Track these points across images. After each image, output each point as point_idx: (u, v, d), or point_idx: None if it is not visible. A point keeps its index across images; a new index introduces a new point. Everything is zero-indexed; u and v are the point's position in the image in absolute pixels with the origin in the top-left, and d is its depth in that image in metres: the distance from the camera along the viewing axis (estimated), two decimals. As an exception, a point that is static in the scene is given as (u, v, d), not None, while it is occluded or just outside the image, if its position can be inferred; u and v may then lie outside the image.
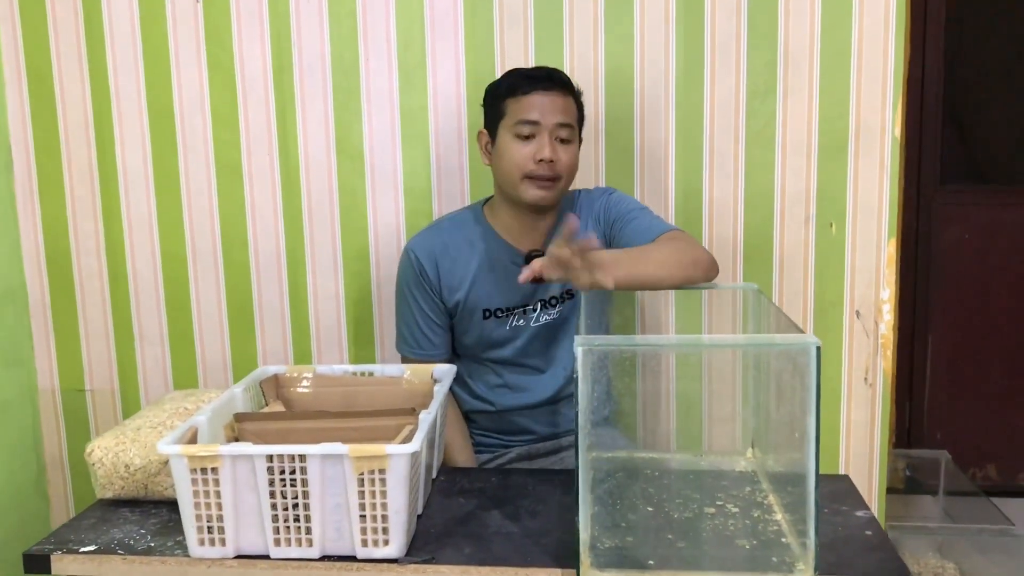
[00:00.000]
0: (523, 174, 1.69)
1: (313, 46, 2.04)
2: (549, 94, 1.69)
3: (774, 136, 1.99)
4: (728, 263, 2.03)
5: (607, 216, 1.77)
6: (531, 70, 1.73)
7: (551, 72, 1.72)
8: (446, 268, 1.79)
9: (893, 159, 1.97)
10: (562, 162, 1.69)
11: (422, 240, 1.82)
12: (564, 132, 1.69)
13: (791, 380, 1.23)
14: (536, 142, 1.68)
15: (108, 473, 1.46)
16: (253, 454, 1.23)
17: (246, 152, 2.09)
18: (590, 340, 1.16)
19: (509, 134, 1.70)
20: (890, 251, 2.00)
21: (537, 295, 1.80)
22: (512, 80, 1.72)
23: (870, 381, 2.04)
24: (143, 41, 2.08)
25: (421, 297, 1.81)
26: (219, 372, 2.19)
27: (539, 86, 1.69)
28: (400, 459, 1.22)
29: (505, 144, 1.71)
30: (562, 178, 1.70)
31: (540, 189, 1.69)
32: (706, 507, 1.40)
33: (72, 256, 2.18)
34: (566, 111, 1.70)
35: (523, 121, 1.68)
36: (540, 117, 1.67)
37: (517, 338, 1.81)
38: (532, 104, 1.68)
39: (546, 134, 1.67)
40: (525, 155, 1.68)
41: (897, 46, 1.93)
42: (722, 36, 1.97)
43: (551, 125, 1.68)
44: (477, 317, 1.80)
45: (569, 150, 1.70)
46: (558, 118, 1.68)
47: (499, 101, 1.73)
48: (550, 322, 1.81)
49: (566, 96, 1.71)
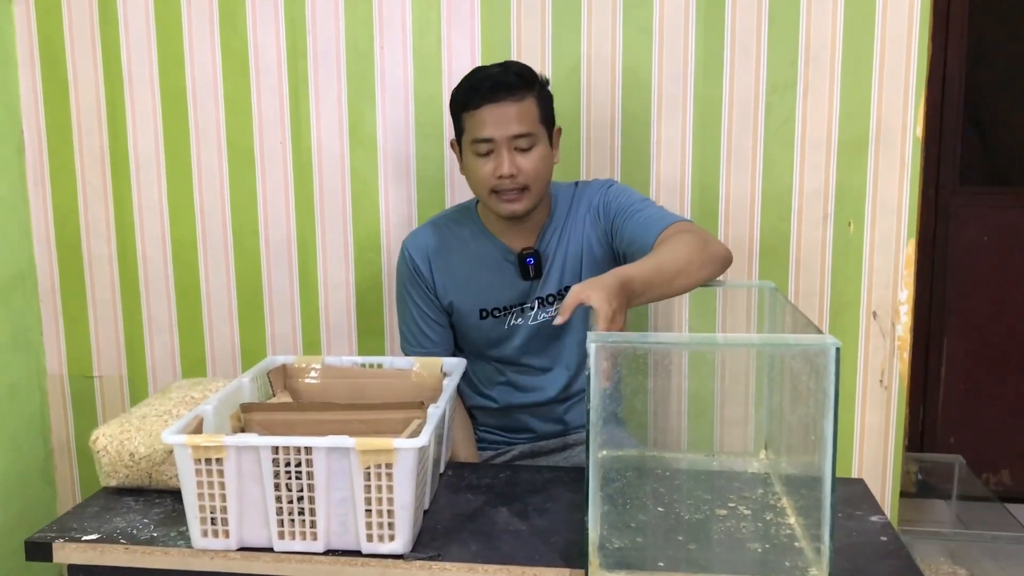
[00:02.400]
0: (488, 190, 1.65)
1: (328, 32, 2.02)
2: (499, 105, 1.60)
3: (793, 133, 1.96)
4: (744, 261, 2.01)
5: (607, 211, 1.72)
6: (479, 79, 1.64)
7: (498, 79, 1.62)
8: (440, 267, 1.77)
9: (914, 159, 1.94)
10: (525, 172, 1.63)
11: (416, 238, 1.80)
12: (522, 142, 1.62)
13: (808, 381, 1.20)
14: (494, 158, 1.62)
15: (112, 461, 1.44)
16: (258, 445, 1.21)
17: (258, 138, 2.08)
18: (603, 337, 1.14)
19: (469, 151, 1.66)
20: (909, 252, 1.97)
21: (534, 293, 1.76)
22: (463, 93, 1.65)
23: (885, 383, 2.01)
24: (157, 25, 2.07)
25: (418, 295, 1.79)
26: (227, 360, 2.18)
27: (488, 99, 1.61)
28: (407, 454, 1.20)
29: (468, 161, 1.67)
30: (529, 187, 1.64)
31: (509, 203, 1.65)
32: (718, 509, 1.38)
33: (82, 241, 2.17)
34: (520, 119, 1.61)
35: (477, 140, 1.63)
36: (493, 132, 1.61)
37: (515, 337, 1.79)
38: (483, 120, 1.61)
39: (503, 149, 1.61)
40: (487, 172, 1.63)
41: (921, 45, 1.90)
42: (742, 30, 1.94)
43: (505, 139, 1.61)
44: (474, 317, 1.78)
45: (531, 156, 1.63)
46: (512, 130, 1.61)
47: (457, 115, 1.68)
48: (548, 320, 1.77)
49: (520, 100, 1.61)
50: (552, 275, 1.76)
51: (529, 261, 1.73)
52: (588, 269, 1.74)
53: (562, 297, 1.76)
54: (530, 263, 1.73)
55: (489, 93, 1.61)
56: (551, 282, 1.76)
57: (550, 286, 1.76)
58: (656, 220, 1.62)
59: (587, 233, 1.74)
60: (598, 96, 1.98)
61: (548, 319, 1.77)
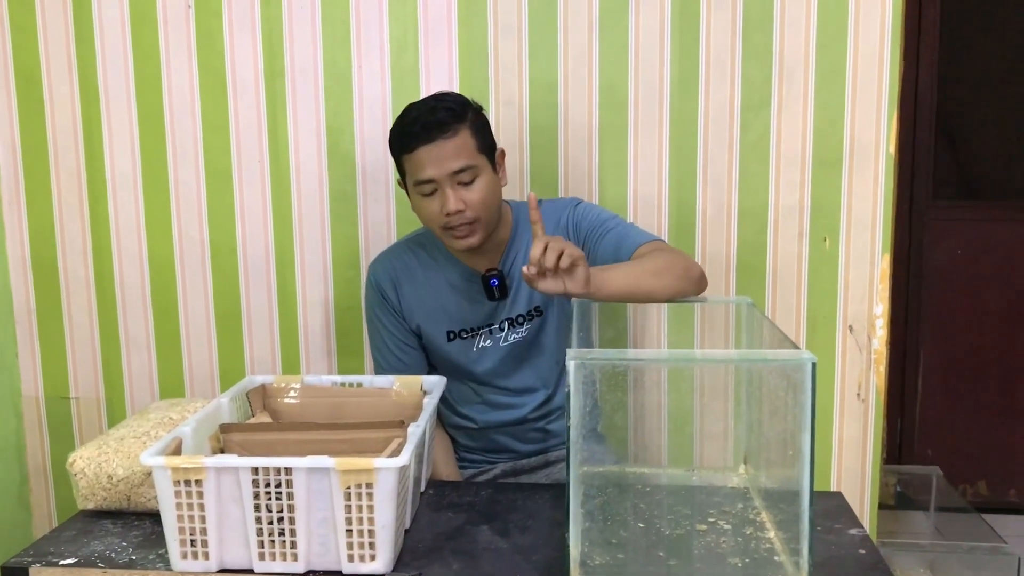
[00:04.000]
0: (440, 227, 1.65)
1: (305, 50, 2.02)
2: (434, 145, 1.60)
3: (768, 149, 1.98)
4: (721, 277, 2.02)
5: (577, 229, 1.72)
6: (410, 121, 1.62)
7: (427, 120, 1.61)
8: (406, 291, 1.78)
9: (887, 175, 1.96)
10: (472, 204, 1.62)
11: (380, 263, 1.81)
12: (463, 176, 1.62)
13: (785, 396, 1.21)
14: (439, 197, 1.62)
15: (90, 484, 1.43)
16: (238, 466, 1.20)
17: (236, 157, 2.07)
18: (583, 354, 1.14)
19: (414, 192, 1.66)
20: (884, 266, 1.99)
21: (502, 314, 1.76)
22: (397, 137, 1.65)
23: (863, 397, 2.03)
24: (133, 44, 2.06)
25: (387, 320, 1.79)
26: (206, 379, 2.17)
27: (421, 140, 1.60)
28: (388, 473, 1.20)
29: (415, 201, 1.68)
30: (480, 218, 1.64)
31: (461, 238, 1.65)
32: (698, 524, 1.38)
33: (58, 260, 2.15)
34: (458, 154, 1.61)
35: (419, 182, 1.63)
36: (433, 173, 1.61)
37: (486, 359, 1.78)
38: (420, 162, 1.61)
39: (446, 187, 1.61)
40: (434, 211, 1.64)
41: (892, 62, 1.93)
42: (717, 48, 1.95)
43: (446, 176, 1.61)
44: (441, 339, 1.78)
45: (475, 188, 1.63)
46: (450, 167, 1.60)
47: (396, 157, 1.68)
48: (519, 341, 1.77)
49: (453, 135, 1.60)
50: (521, 295, 1.75)
51: (493, 282, 1.72)
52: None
53: (532, 317, 1.76)
54: (494, 284, 1.72)
55: (422, 134, 1.60)
56: (520, 302, 1.76)
57: (519, 306, 1.76)
58: (631, 237, 1.65)
59: None
60: (575, 114, 2.00)
61: (519, 339, 1.77)
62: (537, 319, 1.77)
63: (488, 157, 1.67)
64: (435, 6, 1.99)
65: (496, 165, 1.69)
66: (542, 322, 1.77)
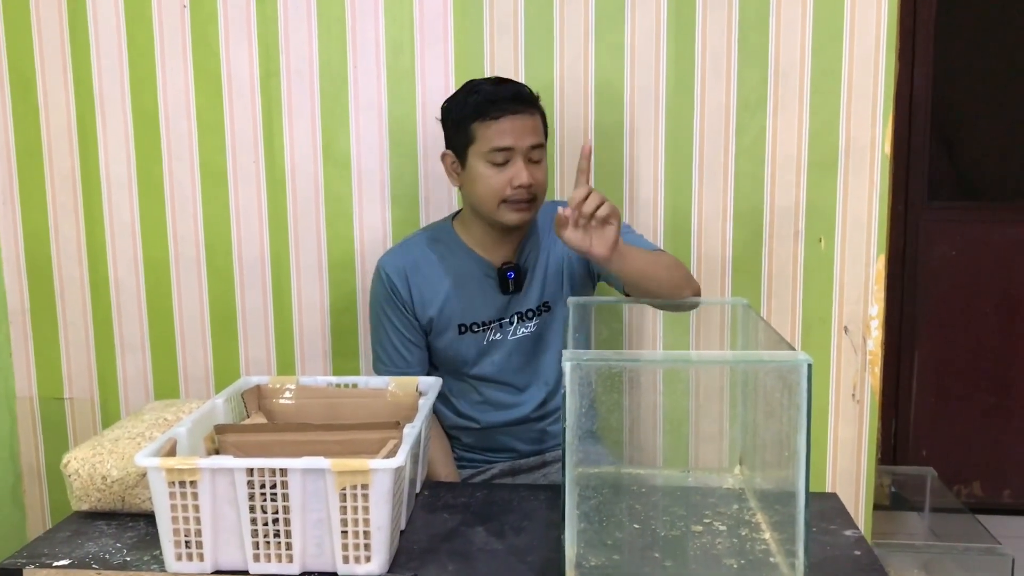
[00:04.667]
0: (500, 200, 1.67)
1: (301, 52, 2.02)
2: (519, 117, 1.64)
3: (764, 151, 1.98)
4: (716, 277, 2.02)
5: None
6: (494, 88, 1.66)
7: (517, 90, 1.67)
8: (417, 284, 1.77)
9: (883, 176, 1.97)
10: (538, 182, 1.67)
11: (392, 257, 1.80)
12: (536, 153, 1.67)
13: (781, 397, 1.21)
14: (511, 168, 1.64)
15: (84, 485, 1.43)
16: (233, 467, 1.20)
17: (231, 158, 2.07)
18: (579, 355, 1.14)
19: (481, 161, 1.66)
20: (879, 268, 1.99)
21: (512, 308, 1.78)
22: (478, 103, 1.65)
23: (858, 398, 2.03)
24: (128, 45, 2.05)
25: (394, 315, 1.79)
26: (201, 380, 2.16)
27: (508, 110, 1.63)
28: (383, 474, 1.20)
29: (478, 171, 1.67)
30: (538, 197, 1.69)
31: (519, 212, 1.67)
32: (693, 525, 1.38)
33: (53, 262, 2.14)
34: (536, 131, 1.67)
35: (497, 149, 1.64)
36: (514, 143, 1.64)
37: (494, 353, 1.79)
38: (504, 130, 1.63)
39: (520, 159, 1.64)
40: (501, 181, 1.65)
41: (888, 64, 1.93)
42: (713, 50, 1.96)
43: (524, 148, 1.64)
44: (452, 332, 1.78)
45: (541, 168, 1.69)
46: (530, 140, 1.65)
47: (466, 124, 1.67)
48: (527, 336, 1.79)
49: (534, 114, 1.67)
50: (532, 290, 1.77)
51: (510, 275, 1.74)
52: (568, 286, 1.77)
53: (540, 312, 1.77)
54: (511, 276, 1.74)
55: (510, 105, 1.64)
56: (531, 296, 1.77)
57: (530, 300, 1.77)
58: (638, 243, 1.69)
59: (566, 250, 1.75)
60: (571, 115, 2.00)
61: (527, 334, 1.78)
62: (545, 314, 1.78)
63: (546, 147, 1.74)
64: (431, 7, 1.99)
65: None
66: (550, 318, 1.79)
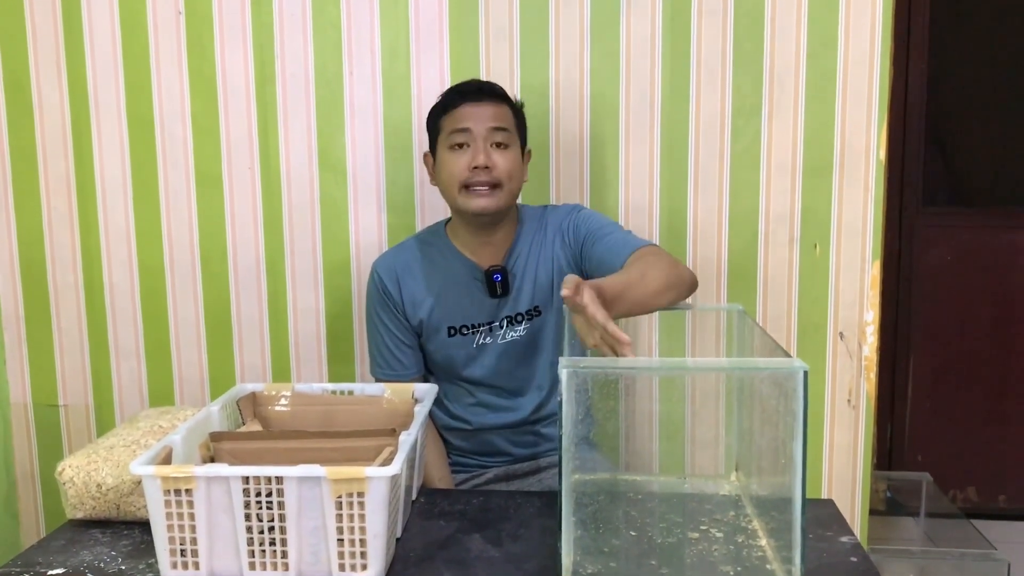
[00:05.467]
0: (460, 184, 1.68)
1: (296, 56, 2.02)
2: (479, 104, 1.69)
3: (759, 156, 1.98)
4: (712, 283, 2.02)
5: (576, 234, 1.75)
6: (462, 84, 1.75)
7: (482, 84, 1.73)
8: (409, 286, 1.78)
9: (878, 181, 1.97)
10: (499, 167, 1.67)
11: (385, 260, 1.82)
12: (499, 136, 1.68)
13: (777, 404, 1.21)
14: (470, 150, 1.67)
15: (79, 493, 1.42)
16: (229, 475, 1.20)
17: (227, 163, 2.07)
18: (575, 362, 1.14)
19: (445, 148, 1.70)
20: (874, 273, 2.00)
21: (502, 312, 1.78)
22: (444, 97, 1.74)
23: (853, 403, 2.03)
24: (123, 50, 2.05)
25: (387, 317, 1.79)
26: (196, 386, 2.16)
27: (469, 98, 1.69)
28: (379, 482, 1.19)
29: (443, 159, 1.71)
30: (502, 184, 1.68)
31: (480, 197, 1.68)
32: (690, 532, 1.38)
33: (47, 267, 2.14)
34: (498, 117, 1.69)
35: (455, 131, 1.67)
36: (471, 124, 1.67)
37: (484, 356, 1.79)
38: (463, 115, 1.68)
39: (479, 140, 1.67)
40: (461, 165, 1.67)
41: (882, 69, 1.93)
42: (708, 55, 1.96)
43: (483, 131, 1.67)
44: (442, 335, 1.78)
45: (507, 155, 1.68)
46: (489, 123, 1.68)
47: (435, 120, 1.74)
48: (518, 339, 1.79)
49: (498, 104, 1.71)
50: (522, 294, 1.77)
51: (496, 277, 1.74)
52: (559, 290, 1.75)
53: (531, 316, 1.77)
54: (497, 279, 1.75)
55: (471, 94, 1.70)
56: (521, 301, 1.77)
57: (520, 305, 1.77)
58: (625, 243, 1.65)
59: (556, 255, 1.75)
60: (566, 120, 2.00)
61: (517, 338, 1.78)
62: (536, 319, 1.78)
63: (521, 144, 1.74)
64: (426, 12, 1.99)
65: (524, 157, 1.76)
66: (541, 323, 1.78)
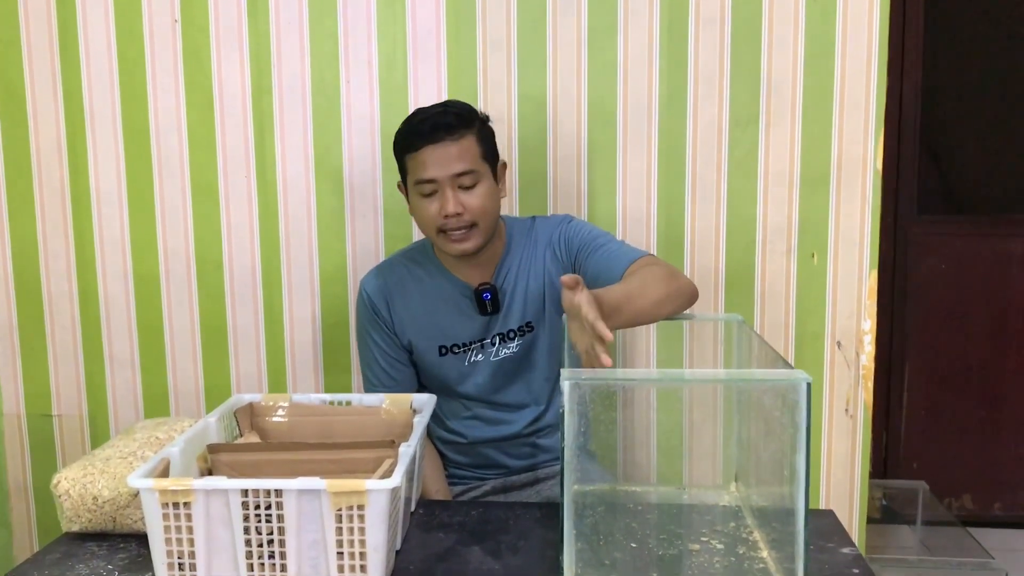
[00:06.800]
0: (436, 229, 1.66)
1: (293, 67, 2.01)
2: (440, 145, 1.62)
3: (756, 166, 1.99)
4: (710, 293, 2.02)
5: (568, 246, 1.73)
6: (418, 121, 1.65)
7: (436, 120, 1.64)
8: (398, 305, 1.77)
9: (875, 191, 1.97)
10: (471, 209, 1.64)
11: (373, 278, 1.80)
12: (465, 179, 1.63)
13: (779, 416, 1.21)
14: (439, 198, 1.64)
15: (75, 505, 1.41)
16: (228, 488, 1.19)
17: (223, 174, 2.06)
18: (577, 374, 1.14)
19: (414, 193, 1.67)
20: (871, 283, 2.00)
21: (493, 329, 1.76)
22: (403, 137, 1.68)
23: (851, 412, 2.03)
24: (119, 59, 2.04)
25: (378, 335, 1.78)
26: (191, 397, 2.14)
27: (427, 140, 1.62)
28: (379, 495, 1.18)
29: (414, 203, 1.69)
30: (477, 223, 1.65)
31: (458, 242, 1.66)
32: (690, 543, 1.38)
33: (41, 277, 2.12)
34: (461, 157, 1.63)
35: (420, 181, 1.64)
36: (435, 173, 1.62)
37: (477, 374, 1.78)
38: (424, 162, 1.63)
39: (446, 188, 1.63)
40: (432, 212, 1.65)
41: (880, 79, 1.94)
42: (705, 65, 1.96)
43: (448, 178, 1.63)
44: (433, 354, 1.77)
45: (476, 193, 1.64)
46: (453, 168, 1.62)
47: (400, 157, 1.70)
48: (511, 356, 1.77)
49: (459, 139, 1.63)
50: (513, 310, 1.75)
51: (486, 296, 1.73)
52: (551, 304, 1.75)
53: (523, 332, 1.76)
54: (487, 298, 1.73)
55: (429, 134, 1.63)
56: (512, 317, 1.76)
57: (511, 321, 1.76)
58: (621, 255, 1.64)
59: (548, 268, 1.74)
60: (564, 130, 2.00)
61: (510, 355, 1.76)
62: (528, 335, 1.76)
63: (491, 166, 1.69)
64: (423, 22, 1.98)
65: (497, 176, 1.71)
66: (533, 338, 1.77)
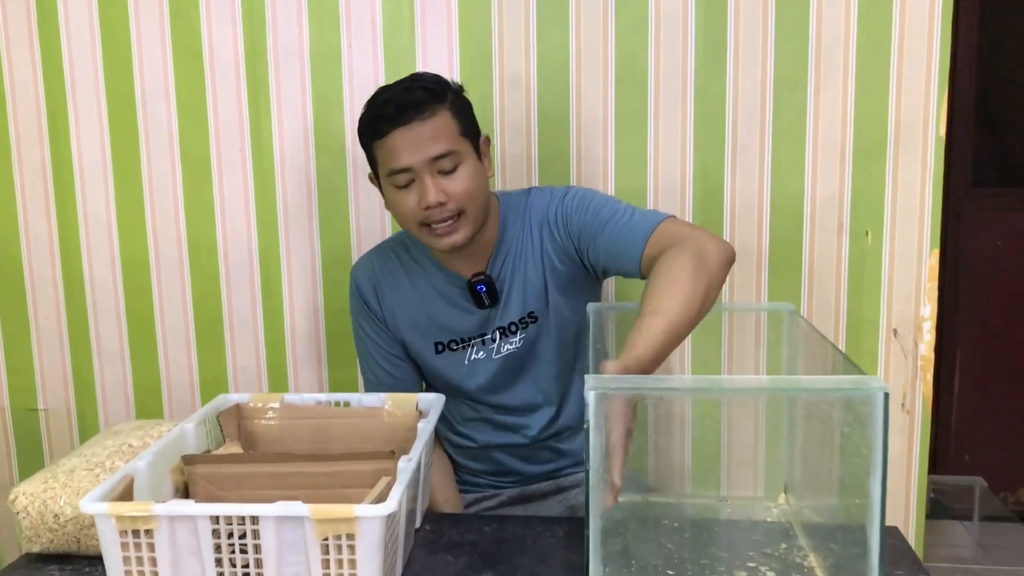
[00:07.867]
0: (418, 223, 1.46)
1: (290, 29, 1.86)
2: (410, 127, 1.42)
3: (804, 133, 1.80)
4: (752, 275, 1.84)
5: (568, 227, 1.50)
6: (381, 103, 1.45)
7: (402, 99, 1.43)
8: (388, 298, 1.60)
9: (937, 161, 1.78)
10: (455, 195, 1.43)
11: (361, 268, 1.63)
12: (444, 163, 1.43)
13: (844, 427, 1.02)
14: (416, 188, 1.43)
15: (34, 524, 1.25)
16: (195, 515, 1.02)
17: (215, 147, 1.91)
18: (604, 382, 0.95)
19: (388, 185, 1.47)
20: (932, 263, 1.81)
21: (493, 323, 1.57)
22: (367, 122, 1.47)
23: (907, 408, 1.85)
24: (101, 24, 1.90)
25: (371, 329, 1.62)
26: (185, 389, 2.01)
27: (395, 123, 1.42)
28: (372, 523, 1.01)
29: (389, 196, 1.48)
30: (465, 210, 1.45)
31: (444, 235, 1.45)
32: (736, 571, 1.19)
33: (23, 261, 2.00)
34: (436, 138, 1.43)
35: (393, 171, 1.44)
36: (409, 160, 1.42)
37: (479, 373, 1.59)
38: (395, 148, 1.43)
39: (424, 175, 1.42)
40: (411, 205, 1.44)
41: (944, 37, 1.74)
42: (747, 20, 1.77)
43: (423, 163, 1.42)
44: (429, 352, 1.60)
45: (458, 177, 1.44)
46: (429, 152, 1.42)
47: (367, 145, 1.49)
48: (515, 351, 1.57)
49: (431, 117, 1.43)
50: (513, 301, 1.56)
51: (480, 288, 1.54)
52: (555, 291, 1.54)
53: (525, 324, 1.56)
54: (482, 290, 1.54)
55: (396, 116, 1.42)
56: (512, 309, 1.56)
57: (512, 313, 1.56)
58: (634, 230, 1.40)
59: (546, 250, 1.53)
60: (588, 95, 1.82)
61: (514, 350, 1.58)
62: (532, 326, 1.57)
63: (472, 143, 1.48)
64: (432, -23, 1.81)
65: (481, 153, 1.51)
66: (538, 329, 1.57)
